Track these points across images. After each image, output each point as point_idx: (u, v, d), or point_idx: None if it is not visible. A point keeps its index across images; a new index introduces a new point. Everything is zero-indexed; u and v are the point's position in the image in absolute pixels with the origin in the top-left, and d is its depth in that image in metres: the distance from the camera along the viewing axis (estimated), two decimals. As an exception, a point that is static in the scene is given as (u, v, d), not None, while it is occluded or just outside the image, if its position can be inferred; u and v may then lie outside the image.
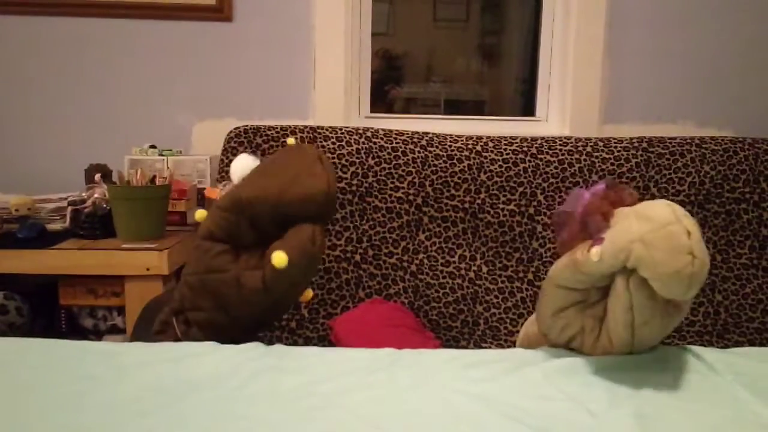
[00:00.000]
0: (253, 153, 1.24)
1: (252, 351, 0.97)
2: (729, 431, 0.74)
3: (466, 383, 0.86)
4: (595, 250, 0.90)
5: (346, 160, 1.70)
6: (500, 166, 1.73)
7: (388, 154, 1.71)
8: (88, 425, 0.73)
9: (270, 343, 1.02)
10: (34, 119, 2.01)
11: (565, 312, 1.00)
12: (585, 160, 1.74)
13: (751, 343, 1.65)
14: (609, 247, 0.89)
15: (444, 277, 1.68)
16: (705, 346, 1.55)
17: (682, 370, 0.91)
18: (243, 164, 1.20)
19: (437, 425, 0.75)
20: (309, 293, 1.18)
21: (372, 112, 2.15)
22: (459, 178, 1.72)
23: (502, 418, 0.76)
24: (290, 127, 1.73)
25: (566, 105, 2.05)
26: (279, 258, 1.02)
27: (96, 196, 1.62)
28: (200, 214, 1.15)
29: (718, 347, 1.43)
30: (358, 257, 1.66)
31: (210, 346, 0.99)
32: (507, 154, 1.74)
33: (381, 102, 2.44)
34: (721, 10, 2.01)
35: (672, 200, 1.71)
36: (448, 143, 1.75)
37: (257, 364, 0.92)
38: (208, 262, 1.09)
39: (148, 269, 1.51)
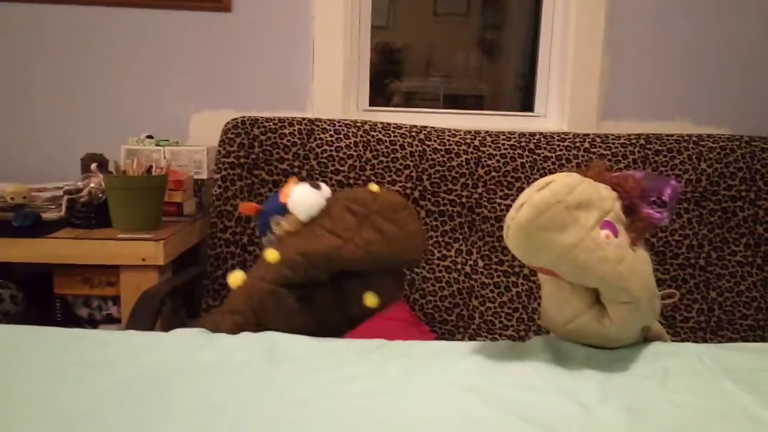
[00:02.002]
0: (310, 182, 1.21)
1: (245, 341, 0.97)
2: (718, 424, 0.74)
3: (457, 374, 0.86)
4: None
5: (344, 153, 1.69)
6: (498, 161, 1.73)
7: (386, 147, 1.71)
8: (78, 412, 0.73)
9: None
10: (31, 108, 2.00)
11: None
12: (583, 155, 1.74)
13: (745, 340, 1.66)
14: None
15: (440, 271, 1.68)
16: (698, 342, 1.56)
17: (672, 364, 0.91)
18: (309, 201, 1.18)
19: (428, 416, 0.75)
20: (371, 299, 1.20)
21: (371, 105, 2.15)
22: (457, 172, 1.72)
23: (493, 410, 0.76)
24: (288, 119, 1.73)
25: (565, 101, 2.04)
26: (372, 301, 1.14)
27: (92, 185, 1.61)
28: (273, 255, 1.12)
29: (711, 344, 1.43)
30: (354, 250, 1.66)
31: (203, 336, 0.99)
32: (505, 149, 1.74)
33: (380, 96, 2.43)
34: (721, 7, 2.01)
35: (669, 197, 1.72)
36: (447, 137, 1.75)
37: (250, 354, 0.92)
38: (288, 307, 1.12)
39: (143, 259, 1.50)
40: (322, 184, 1.22)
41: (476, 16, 2.56)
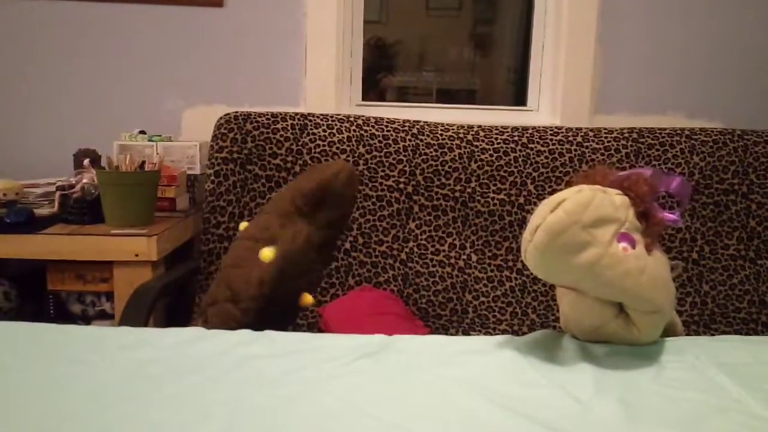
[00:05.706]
0: None
1: (240, 337, 0.97)
2: (711, 418, 0.75)
3: (453, 369, 0.86)
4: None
5: (337, 148, 1.69)
6: (491, 156, 1.73)
7: (379, 142, 1.71)
8: (73, 408, 0.73)
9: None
10: (23, 104, 1.99)
11: None
12: (575, 150, 1.74)
13: (738, 333, 1.66)
14: None
15: (434, 266, 1.68)
16: (691, 335, 1.57)
17: (666, 358, 0.91)
18: None
19: (423, 411, 0.75)
20: (308, 298, 1.20)
21: (364, 100, 2.14)
22: (450, 167, 1.72)
23: (489, 404, 0.76)
24: (281, 114, 1.72)
25: (557, 95, 2.05)
26: (265, 254, 1.15)
27: (84, 181, 1.60)
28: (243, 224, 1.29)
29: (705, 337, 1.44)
30: (348, 245, 1.66)
31: (198, 332, 0.99)
32: (498, 143, 1.74)
33: (373, 91, 2.43)
34: (713, 1, 2.01)
35: (661, 191, 1.73)
36: (440, 132, 1.75)
37: (245, 350, 0.92)
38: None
39: (136, 255, 1.50)
40: None
41: (469, 10, 2.55)
